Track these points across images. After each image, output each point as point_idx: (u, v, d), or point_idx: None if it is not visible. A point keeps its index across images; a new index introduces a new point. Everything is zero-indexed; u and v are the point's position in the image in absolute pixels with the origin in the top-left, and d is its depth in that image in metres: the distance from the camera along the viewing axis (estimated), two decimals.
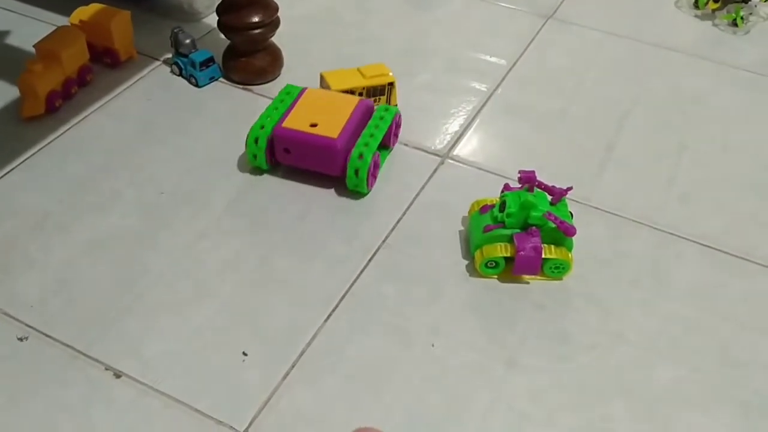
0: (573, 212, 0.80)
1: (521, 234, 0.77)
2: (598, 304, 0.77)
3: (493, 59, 1.12)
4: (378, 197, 0.88)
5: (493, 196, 0.83)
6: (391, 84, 0.98)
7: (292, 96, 0.91)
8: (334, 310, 0.75)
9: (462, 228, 0.85)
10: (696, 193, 0.91)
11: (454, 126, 0.99)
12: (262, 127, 0.87)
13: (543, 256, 0.76)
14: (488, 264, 0.78)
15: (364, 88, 0.96)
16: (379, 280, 0.78)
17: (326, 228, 0.84)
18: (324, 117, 0.86)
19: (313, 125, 0.85)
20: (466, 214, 0.85)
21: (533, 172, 0.78)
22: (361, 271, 0.79)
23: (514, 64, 1.11)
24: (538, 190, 0.79)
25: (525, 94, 1.06)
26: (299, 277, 0.78)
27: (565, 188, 0.78)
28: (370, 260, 0.80)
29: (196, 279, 0.77)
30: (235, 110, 1.00)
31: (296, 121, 0.86)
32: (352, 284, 0.78)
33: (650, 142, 0.98)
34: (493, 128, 1.00)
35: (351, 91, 0.95)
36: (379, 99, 0.98)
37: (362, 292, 0.77)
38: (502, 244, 0.77)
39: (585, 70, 1.11)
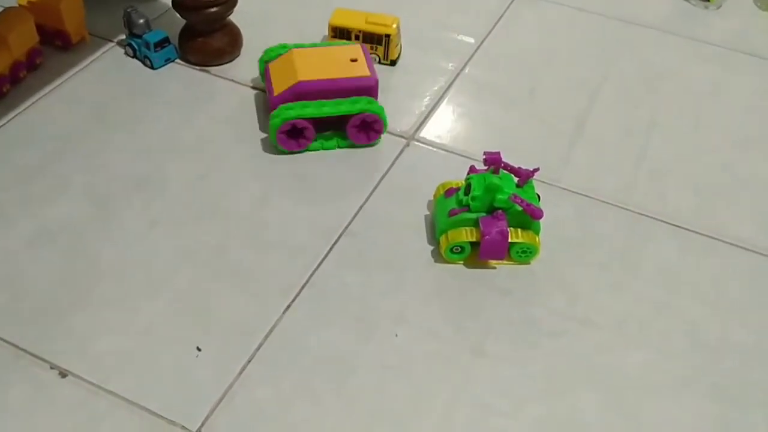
0: (541, 194, 0.78)
1: (487, 218, 0.74)
2: (566, 288, 0.75)
3: (461, 37, 1.09)
4: (340, 181, 0.85)
5: (459, 178, 0.80)
6: (388, 36, 0.98)
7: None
8: (293, 301, 0.72)
9: (428, 212, 0.82)
10: (666, 172, 0.89)
11: (420, 106, 0.96)
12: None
13: (509, 240, 0.74)
14: (453, 249, 0.75)
15: (360, 32, 0.98)
16: (341, 268, 0.75)
17: (286, 214, 0.81)
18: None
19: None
20: (432, 198, 0.82)
21: (498, 153, 0.75)
22: (322, 260, 0.76)
23: (483, 41, 1.08)
24: (504, 172, 0.76)
25: (493, 72, 1.03)
26: (257, 267, 0.75)
27: (531, 169, 0.76)
28: (331, 248, 0.77)
29: (147, 271, 0.74)
30: (192, 93, 0.96)
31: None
32: (313, 273, 0.75)
33: (620, 120, 0.96)
34: (460, 108, 0.97)
35: (347, 30, 0.99)
36: (376, 48, 0.99)
37: (323, 282, 0.74)
38: (468, 228, 0.75)
39: (554, 48, 1.08)
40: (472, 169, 0.79)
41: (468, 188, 0.75)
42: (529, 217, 0.74)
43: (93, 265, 0.74)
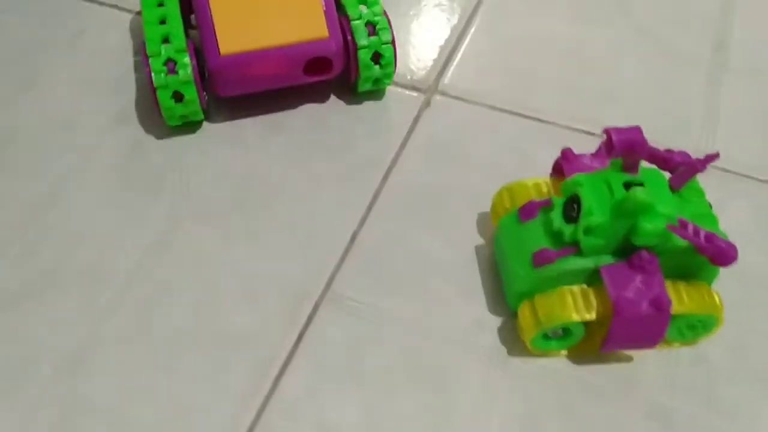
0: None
1: (618, 268, 0.36)
2: None
3: None
4: (317, 180, 0.46)
5: (538, 169, 0.42)
6: None
7: None
8: None
9: (480, 240, 0.43)
10: None
11: (441, 34, 0.56)
12: (167, 41, 0.46)
13: (672, 311, 0.35)
14: (549, 333, 0.37)
15: None
16: (317, 380, 0.37)
17: (209, 268, 0.42)
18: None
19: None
20: (488, 211, 0.43)
21: (638, 130, 0.36)
22: (285, 364, 0.38)
23: None
24: (645, 165, 0.37)
25: None
26: (163, 391, 0.37)
27: (705, 156, 0.37)
28: (301, 336, 0.39)
29: None
30: (45, 31, 0.55)
31: (232, 31, 0.45)
32: (267, 399, 0.37)
33: None
34: (506, 29, 0.56)
35: None
36: None
37: (283, 414, 0.36)
38: (577, 291, 0.36)
39: None
40: (567, 158, 0.40)
41: (572, 204, 0.36)
42: (706, 260, 0.35)
43: None
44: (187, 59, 0.45)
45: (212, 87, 0.46)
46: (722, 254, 0.34)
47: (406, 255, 0.42)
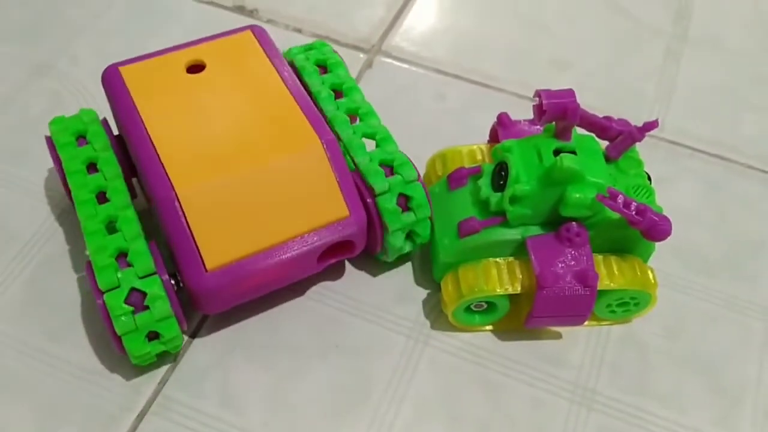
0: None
1: (544, 239, 0.34)
2: (715, 389, 0.36)
3: None
4: None
5: (482, 137, 0.39)
6: None
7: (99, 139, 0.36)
8: None
9: None
10: None
11: None
12: (122, 258, 0.32)
13: (601, 286, 0.33)
14: (473, 307, 0.35)
15: None
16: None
17: None
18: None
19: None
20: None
21: (571, 93, 0.33)
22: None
23: None
24: (578, 132, 0.35)
25: None
26: None
27: (644, 124, 0.34)
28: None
29: None
30: None
31: (218, 234, 0.32)
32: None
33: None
34: None
35: None
36: None
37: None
38: (503, 263, 0.34)
39: None
40: (503, 123, 0.38)
41: (500, 171, 0.34)
42: (638, 233, 0.33)
43: None
44: (159, 286, 0.31)
45: (193, 304, 0.34)
46: (654, 228, 0.32)
47: None
